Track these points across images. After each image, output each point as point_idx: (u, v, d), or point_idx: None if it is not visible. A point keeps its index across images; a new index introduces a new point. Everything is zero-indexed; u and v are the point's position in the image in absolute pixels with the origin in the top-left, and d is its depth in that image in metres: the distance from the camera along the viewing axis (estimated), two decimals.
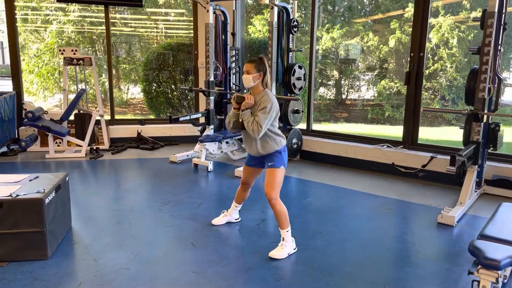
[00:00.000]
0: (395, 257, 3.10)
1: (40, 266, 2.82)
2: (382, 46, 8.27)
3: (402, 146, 5.13)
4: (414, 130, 5.08)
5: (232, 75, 6.14)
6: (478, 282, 2.21)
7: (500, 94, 4.13)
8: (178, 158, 5.63)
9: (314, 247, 3.15)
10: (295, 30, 5.47)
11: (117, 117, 7.01)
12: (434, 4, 7.54)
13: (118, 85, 8.89)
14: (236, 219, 3.59)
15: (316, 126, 6.28)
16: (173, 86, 7.81)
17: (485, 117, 3.99)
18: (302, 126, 5.90)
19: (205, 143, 5.23)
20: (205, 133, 5.55)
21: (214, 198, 4.28)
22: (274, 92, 5.07)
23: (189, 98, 7.82)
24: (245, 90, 3.10)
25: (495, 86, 4.00)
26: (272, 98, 2.97)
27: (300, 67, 5.43)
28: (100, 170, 5.30)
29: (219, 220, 3.55)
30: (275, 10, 5.05)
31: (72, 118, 6.14)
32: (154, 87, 7.84)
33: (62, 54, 6.16)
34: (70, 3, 7.84)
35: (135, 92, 9.32)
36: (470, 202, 4.02)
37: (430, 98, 8.02)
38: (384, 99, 8.44)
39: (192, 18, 6.90)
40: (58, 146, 6.12)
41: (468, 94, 4.07)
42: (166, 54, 7.63)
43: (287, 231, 3.02)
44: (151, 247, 3.13)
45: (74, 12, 8.28)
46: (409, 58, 5.00)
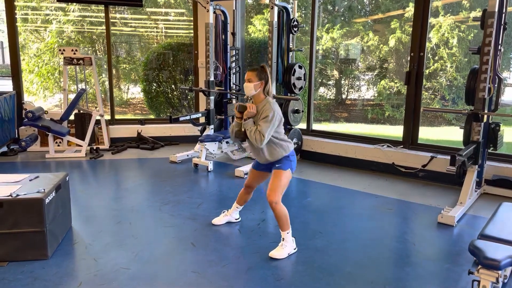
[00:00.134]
0: (395, 257, 3.10)
1: (40, 266, 2.82)
2: (382, 46, 8.26)
3: (402, 146, 5.13)
4: (414, 130, 5.08)
5: (232, 75, 6.14)
6: (478, 282, 2.21)
7: (500, 94, 4.12)
8: (178, 158, 5.63)
9: (314, 247, 3.15)
10: (295, 30, 5.47)
11: (117, 117, 7.01)
12: (434, 4, 7.53)
13: (118, 85, 8.89)
14: (236, 219, 3.59)
15: (316, 126, 6.27)
16: (173, 86, 7.80)
17: (485, 117, 3.99)
18: (302, 126, 5.89)
19: (205, 143, 5.23)
20: (205, 133, 5.55)
21: (214, 198, 4.28)
22: (274, 91, 5.07)
23: (189, 98, 7.82)
24: (244, 97, 3.11)
25: (495, 86, 4.00)
26: (274, 106, 2.96)
27: (300, 67, 5.43)
28: (100, 170, 5.30)
29: (219, 220, 3.56)
30: (275, 10, 5.05)
31: (72, 118, 6.15)
32: (154, 87, 7.84)
33: (62, 54, 6.16)
34: (70, 3, 7.84)
35: (135, 92, 9.32)
36: (470, 202, 4.02)
37: (430, 98, 8.01)
38: (384, 99, 8.44)
39: (192, 18, 6.90)
40: (58, 146, 6.12)
41: (468, 94, 4.07)
42: (166, 54, 7.63)
43: (288, 233, 3.02)
44: (151, 247, 3.13)
45: (74, 12, 8.28)
46: (409, 58, 5.00)
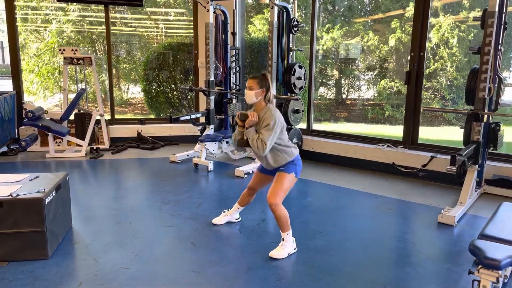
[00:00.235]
0: (396, 257, 3.10)
1: (40, 265, 2.82)
2: (382, 45, 8.26)
3: (402, 146, 5.13)
4: (414, 129, 5.08)
5: (232, 75, 6.14)
6: (479, 281, 2.21)
7: (500, 94, 4.12)
8: (178, 158, 5.63)
9: (314, 247, 3.15)
10: (295, 29, 5.47)
11: (117, 116, 7.01)
12: (434, 3, 7.53)
13: (118, 84, 8.89)
14: (236, 219, 3.60)
15: (316, 126, 6.28)
16: (173, 86, 7.80)
17: (485, 116, 3.99)
18: (302, 125, 5.89)
19: (205, 143, 5.23)
20: (205, 132, 5.55)
21: (214, 198, 4.28)
22: (274, 92, 5.07)
23: (189, 97, 7.82)
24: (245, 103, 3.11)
25: (496, 85, 4.00)
26: (275, 113, 2.95)
27: (300, 67, 5.43)
28: (100, 170, 5.30)
29: (220, 219, 3.56)
30: (275, 9, 5.05)
31: (72, 117, 6.15)
32: (154, 87, 7.84)
33: (62, 53, 6.16)
34: (70, 3, 7.84)
35: (135, 91, 9.32)
36: (471, 201, 4.02)
37: (430, 97, 8.01)
38: (384, 99, 8.44)
39: (192, 18, 6.90)
40: (58, 145, 6.12)
41: (468, 94, 4.07)
42: (166, 53, 7.63)
43: (288, 234, 3.02)
44: (151, 247, 3.13)
45: (74, 11, 8.28)
46: (409, 58, 5.00)
